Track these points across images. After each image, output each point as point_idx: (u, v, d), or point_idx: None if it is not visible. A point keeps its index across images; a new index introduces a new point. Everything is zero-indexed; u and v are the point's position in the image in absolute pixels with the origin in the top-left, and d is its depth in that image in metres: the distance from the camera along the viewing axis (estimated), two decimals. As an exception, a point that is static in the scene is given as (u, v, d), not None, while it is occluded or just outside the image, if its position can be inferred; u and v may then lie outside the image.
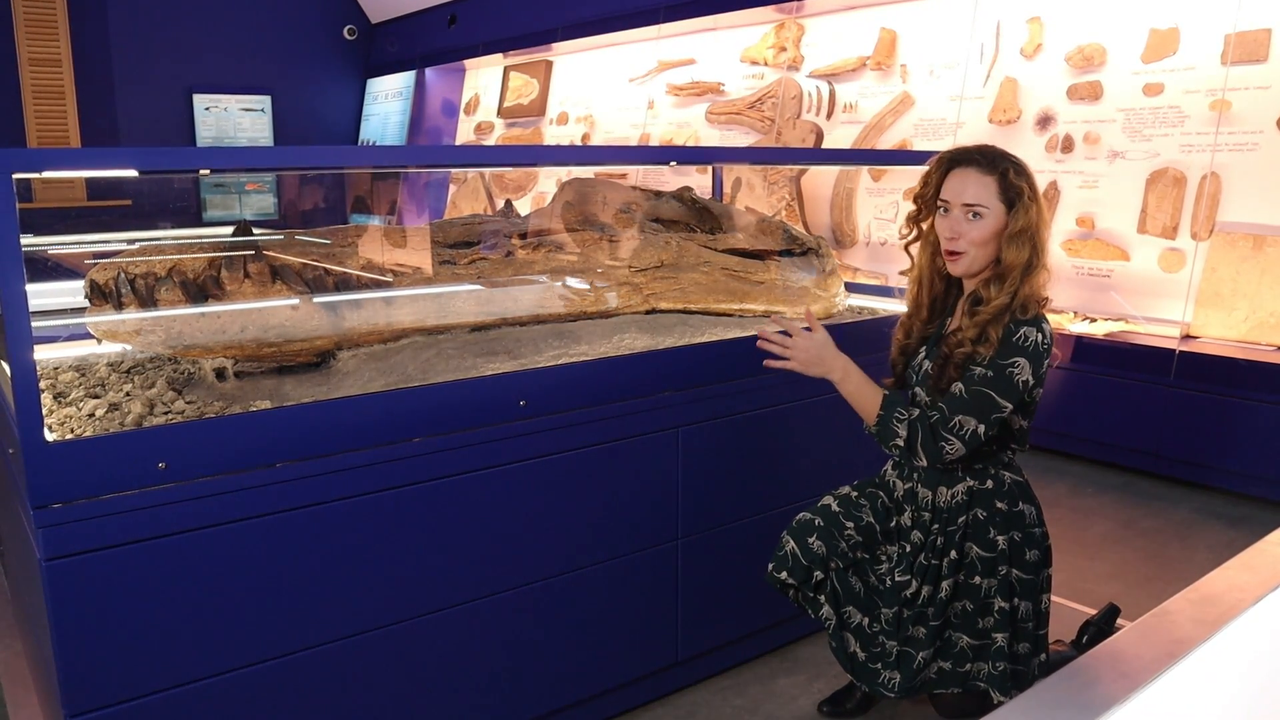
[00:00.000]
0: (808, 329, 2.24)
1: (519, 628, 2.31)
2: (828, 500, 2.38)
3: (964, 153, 2.17)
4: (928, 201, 2.23)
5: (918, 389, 2.23)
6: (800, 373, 2.22)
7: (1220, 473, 4.19)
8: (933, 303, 2.29)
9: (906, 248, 2.37)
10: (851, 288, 3.31)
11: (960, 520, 2.18)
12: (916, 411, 2.11)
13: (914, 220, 2.31)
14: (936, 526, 2.20)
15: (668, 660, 2.62)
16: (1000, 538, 2.17)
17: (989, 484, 2.19)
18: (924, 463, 2.12)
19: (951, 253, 2.16)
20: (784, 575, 2.34)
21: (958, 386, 2.08)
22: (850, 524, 2.32)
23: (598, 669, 2.49)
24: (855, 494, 2.37)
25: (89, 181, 8.42)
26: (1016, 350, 2.05)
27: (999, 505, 2.18)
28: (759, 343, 2.25)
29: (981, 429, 2.07)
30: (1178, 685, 1.09)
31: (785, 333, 2.24)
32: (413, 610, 2.14)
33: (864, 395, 2.16)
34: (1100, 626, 2.58)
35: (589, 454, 2.35)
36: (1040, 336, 2.08)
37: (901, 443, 2.11)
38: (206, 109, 9.51)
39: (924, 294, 2.29)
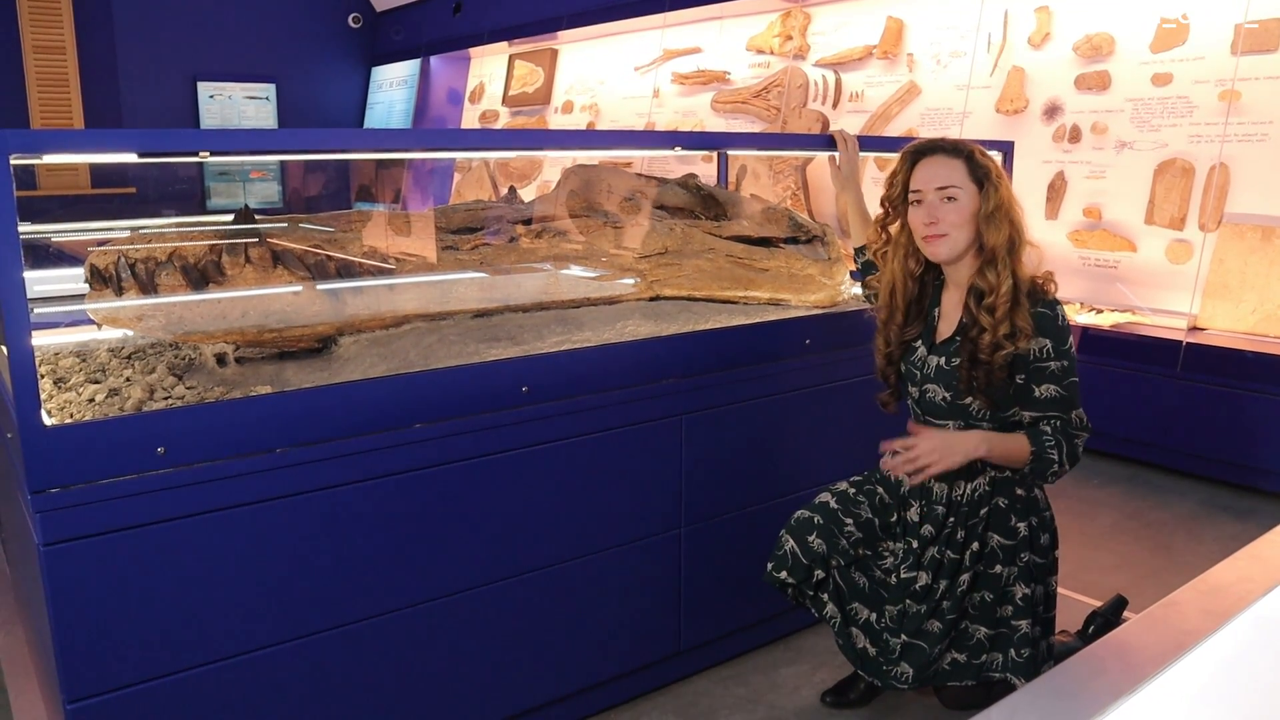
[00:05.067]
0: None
1: (519, 615, 2.30)
2: (825, 497, 2.37)
3: (926, 143, 2.21)
4: (895, 201, 2.26)
5: (934, 385, 2.20)
6: (946, 469, 2.10)
7: (1227, 465, 4.17)
8: (908, 306, 2.29)
9: (878, 255, 2.39)
10: (856, 276, 3.28)
11: (983, 512, 2.17)
12: (1049, 430, 2.09)
13: (882, 225, 2.32)
14: (953, 520, 2.19)
15: (669, 649, 2.61)
16: (1021, 524, 2.17)
17: (1008, 471, 2.18)
18: (1066, 470, 2.12)
19: (931, 239, 2.17)
20: (783, 575, 2.33)
21: (1049, 389, 2.09)
22: (849, 520, 2.31)
23: (599, 658, 2.48)
24: (853, 490, 2.36)
25: (93, 168, 8.42)
26: (1066, 331, 2.11)
27: (1019, 491, 2.19)
28: (892, 474, 2.21)
29: (1083, 412, 2.13)
30: (1186, 677, 1.07)
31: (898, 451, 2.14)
32: (413, 597, 2.13)
33: (1009, 448, 2.10)
34: (1107, 617, 2.57)
35: (591, 441, 2.34)
36: (1065, 311, 2.15)
37: (1057, 467, 2.10)
38: (211, 97, 9.49)
39: (899, 299, 2.29)
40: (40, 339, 2.18)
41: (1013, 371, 2.11)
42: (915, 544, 2.24)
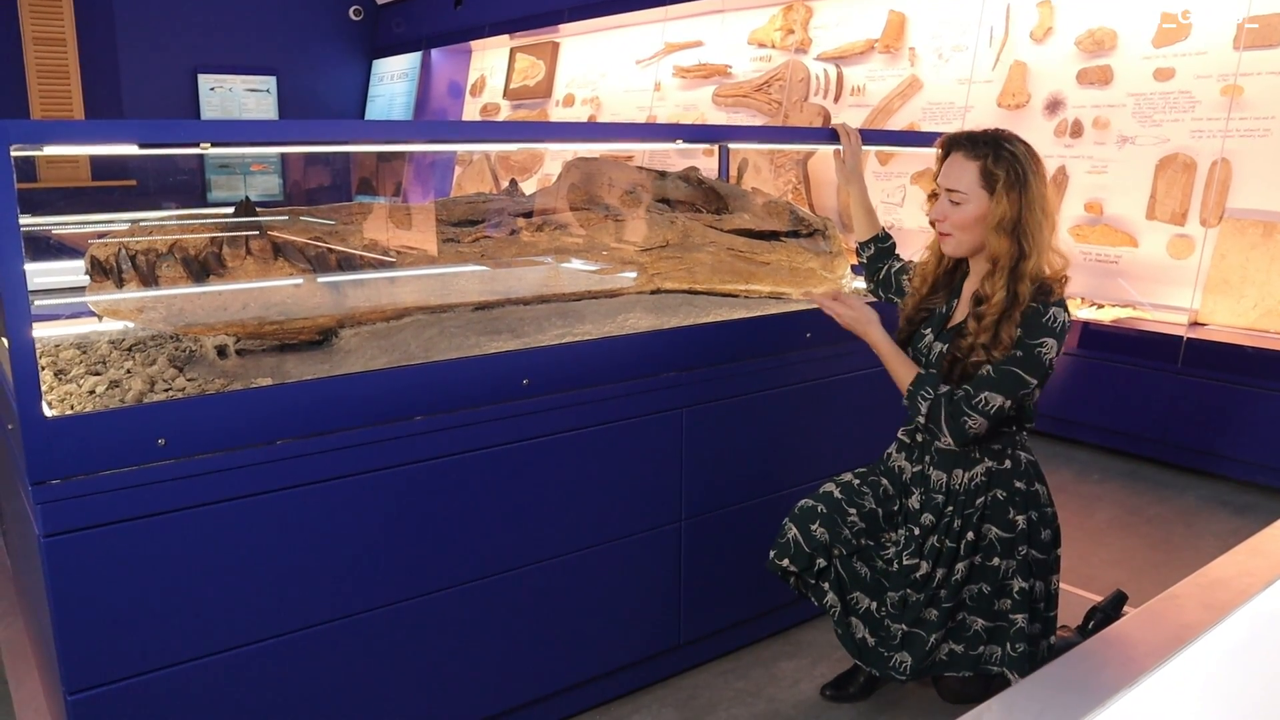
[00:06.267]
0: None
1: (519, 609, 2.30)
2: (829, 487, 2.37)
3: (958, 137, 2.19)
4: (935, 182, 2.26)
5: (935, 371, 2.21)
6: (845, 324, 2.31)
7: (1227, 460, 4.17)
8: (937, 279, 2.30)
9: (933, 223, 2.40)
10: (858, 270, 3.28)
11: (979, 502, 2.18)
12: (944, 389, 2.11)
13: (933, 198, 2.33)
14: (951, 509, 2.20)
15: (670, 643, 2.61)
16: (1020, 518, 2.17)
17: (1007, 464, 2.18)
18: (948, 439, 2.12)
19: (940, 236, 2.21)
20: (786, 562, 2.34)
21: (985, 368, 2.08)
22: (853, 510, 2.32)
23: (598, 651, 2.48)
24: (857, 481, 2.36)
25: (93, 160, 8.40)
26: (1046, 330, 2.06)
27: (1018, 485, 2.18)
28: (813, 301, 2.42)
29: (1007, 404, 2.08)
30: (1185, 671, 1.07)
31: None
32: (412, 590, 2.13)
33: (896, 370, 2.22)
34: (1107, 612, 2.57)
35: (592, 434, 2.34)
36: (1066, 317, 2.09)
37: (922, 419, 2.14)
38: (211, 89, 9.47)
39: (930, 268, 2.30)
40: (41, 331, 2.18)
41: None
42: (917, 531, 2.24)
